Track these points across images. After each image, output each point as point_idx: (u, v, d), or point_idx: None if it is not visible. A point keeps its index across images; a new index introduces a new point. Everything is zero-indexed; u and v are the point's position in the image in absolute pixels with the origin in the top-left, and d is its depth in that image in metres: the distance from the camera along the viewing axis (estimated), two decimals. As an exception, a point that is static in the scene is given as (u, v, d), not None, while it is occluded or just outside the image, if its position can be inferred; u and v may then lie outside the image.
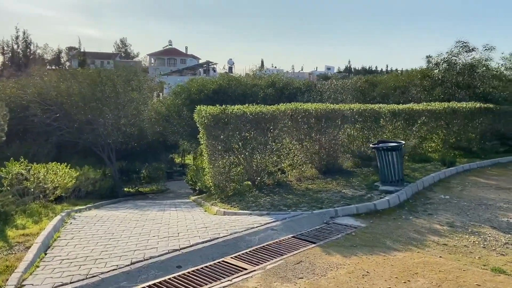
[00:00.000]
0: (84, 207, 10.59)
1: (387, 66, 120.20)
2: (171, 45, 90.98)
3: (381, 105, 12.70)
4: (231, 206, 8.63)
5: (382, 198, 7.81)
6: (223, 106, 9.89)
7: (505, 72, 19.47)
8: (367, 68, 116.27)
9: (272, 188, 10.10)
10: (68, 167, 11.80)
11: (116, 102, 20.23)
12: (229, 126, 9.70)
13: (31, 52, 56.46)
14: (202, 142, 10.22)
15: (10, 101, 18.95)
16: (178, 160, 40.74)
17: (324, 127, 11.18)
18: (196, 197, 16.17)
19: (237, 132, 9.88)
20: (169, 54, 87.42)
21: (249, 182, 10.43)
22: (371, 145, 8.96)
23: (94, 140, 19.82)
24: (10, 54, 53.70)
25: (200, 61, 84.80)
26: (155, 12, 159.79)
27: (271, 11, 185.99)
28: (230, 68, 72.42)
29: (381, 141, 9.17)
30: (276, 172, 10.69)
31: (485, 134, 14.42)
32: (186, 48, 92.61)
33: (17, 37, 54.42)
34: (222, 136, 9.70)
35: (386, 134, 12.54)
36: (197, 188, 17.27)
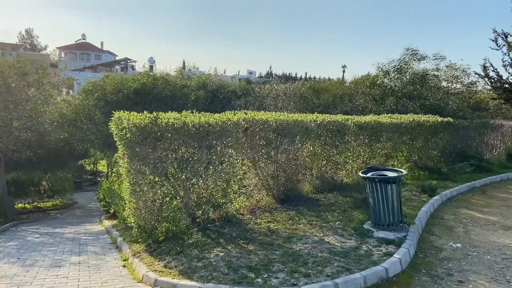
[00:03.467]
0: None
1: (306, 74, 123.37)
2: (84, 39, 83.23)
3: (345, 116, 10.63)
4: (165, 266, 5.73)
5: (388, 254, 5.51)
6: (153, 114, 6.95)
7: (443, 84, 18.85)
8: (287, 74, 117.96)
9: (221, 227, 7.39)
10: None
11: (7, 100, 15.91)
12: (163, 143, 6.79)
13: None
14: (121, 164, 7.14)
15: None
16: (89, 167, 35.80)
17: (283, 143, 8.75)
18: (111, 223, 12.77)
19: (173, 151, 7.02)
20: (82, 49, 79.74)
21: (187, 218, 7.61)
22: (360, 174, 6.69)
23: (-27, 147, 15.32)
24: None
25: (117, 58, 78.42)
26: (67, 2, 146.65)
27: (190, 12, 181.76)
28: (151, 67, 67.55)
29: (372, 168, 6.96)
30: (224, 204, 7.97)
31: (444, 151, 13.15)
32: (102, 43, 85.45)
33: None
34: (152, 157, 6.76)
35: (350, 152, 10.49)
36: (112, 211, 13.85)
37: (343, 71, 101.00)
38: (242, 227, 7.30)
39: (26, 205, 22.00)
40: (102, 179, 29.37)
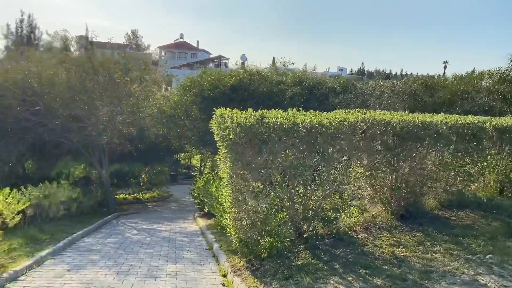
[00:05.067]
0: (20, 267, 6.50)
1: (401, 70, 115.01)
2: (182, 38, 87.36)
3: (481, 117, 8.76)
4: (272, 293, 4.78)
5: None
6: (259, 112, 6.05)
7: None
8: (380, 70, 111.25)
9: (332, 247, 6.27)
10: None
11: (112, 95, 16.48)
12: (270, 146, 5.85)
13: (36, 37, 52.61)
14: (222, 168, 6.35)
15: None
16: (184, 161, 37.00)
17: (407, 149, 7.30)
18: (205, 223, 12.38)
19: (280, 156, 6.06)
20: (179, 48, 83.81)
21: (292, 232, 6.61)
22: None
23: (82, 140, 16.11)
24: (14, 38, 49.90)
25: (211, 56, 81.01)
26: (168, 5, 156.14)
27: (278, 9, 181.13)
28: (243, 64, 68.39)
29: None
30: (335, 218, 6.83)
31: None
32: (198, 42, 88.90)
33: (21, 21, 50.48)
34: (256, 162, 5.87)
35: (487, 161, 8.62)
36: (206, 210, 13.50)
37: (445, 67, 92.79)
38: (359, 249, 6.09)
39: (127, 195, 23.07)
40: (196, 173, 30.08)
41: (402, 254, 5.73)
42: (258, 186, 5.99)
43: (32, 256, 6.98)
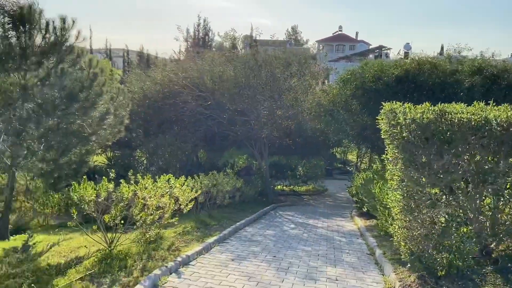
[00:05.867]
0: (191, 252, 6.97)
1: None
2: (341, 31, 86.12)
3: None
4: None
5: None
6: (438, 106, 5.16)
7: None
8: None
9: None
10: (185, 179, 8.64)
11: (273, 90, 17.03)
12: (453, 147, 4.94)
13: (209, 39, 58.91)
14: (390, 169, 5.66)
15: (164, 85, 17.60)
16: (339, 155, 36.40)
17: None
18: (364, 223, 11.70)
19: (466, 158, 5.07)
20: (338, 40, 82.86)
21: (476, 250, 5.51)
22: None
23: (246, 133, 17.11)
24: (192, 40, 56.79)
25: (371, 47, 77.70)
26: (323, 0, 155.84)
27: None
28: (406, 54, 63.60)
29: None
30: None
31: None
32: (357, 33, 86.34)
33: (198, 25, 57.17)
34: (435, 165, 5.02)
35: None
36: (364, 209, 12.77)
37: None
38: None
39: (283, 187, 23.79)
40: (352, 169, 29.23)
41: None
42: (436, 193, 5.14)
43: (201, 242, 7.51)
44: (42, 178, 8.82)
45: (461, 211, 5.19)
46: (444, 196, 5.13)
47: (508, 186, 5.22)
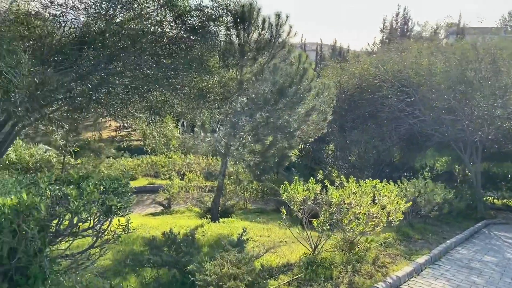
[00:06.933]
0: (401, 273, 6.06)
1: None
2: None
3: None
4: None
5: None
6: None
7: None
8: None
9: None
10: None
11: (494, 85, 14.28)
12: None
13: (409, 28, 55.66)
14: None
15: (363, 79, 16.83)
16: None
17: None
18: None
19: None
20: None
21: None
22: None
23: (454, 134, 14.90)
24: (389, 31, 54.63)
25: None
26: None
27: None
28: None
29: None
30: None
31: None
32: None
33: (397, 14, 54.60)
34: None
35: None
36: None
37: None
38: None
39: (494, 200, 20.12)
40: None
41: None
42: None
43: (409, 260, 6.61)
44: (250, 169, 9.32)
45: None
46: None
47: None
